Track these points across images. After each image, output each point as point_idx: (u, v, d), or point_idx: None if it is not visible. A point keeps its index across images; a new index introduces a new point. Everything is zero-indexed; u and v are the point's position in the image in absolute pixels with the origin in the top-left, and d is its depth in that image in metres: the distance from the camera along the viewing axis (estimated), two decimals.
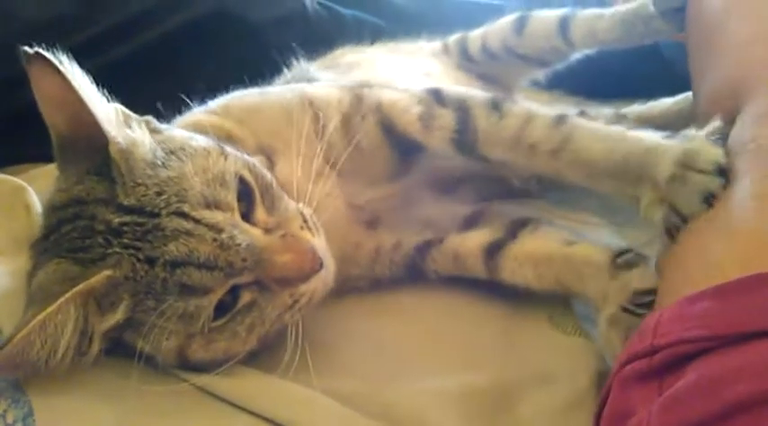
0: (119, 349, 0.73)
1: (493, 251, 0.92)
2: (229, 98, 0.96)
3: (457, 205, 1.00)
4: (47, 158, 1.17)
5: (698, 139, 0.74)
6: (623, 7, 1.17)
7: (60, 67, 0.70)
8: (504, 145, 0.85)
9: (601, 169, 0.79)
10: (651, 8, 1.09)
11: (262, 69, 1.19)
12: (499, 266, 0.92)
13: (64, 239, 0.71)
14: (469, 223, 0.99)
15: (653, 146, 0.76)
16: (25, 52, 0.71)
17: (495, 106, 0.88)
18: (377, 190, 0.93)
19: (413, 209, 0.97)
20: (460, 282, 0.95)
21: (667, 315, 0.61)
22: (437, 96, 0.91)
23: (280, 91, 0.97)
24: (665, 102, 1.37)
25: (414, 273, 0.95)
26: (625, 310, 0.78)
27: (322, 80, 1.12)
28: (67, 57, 0.72)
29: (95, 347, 0.71)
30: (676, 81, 1.41)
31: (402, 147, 0.91)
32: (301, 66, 1.21)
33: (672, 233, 0.72)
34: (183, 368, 0.74)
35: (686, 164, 0.71)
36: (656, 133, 0.78)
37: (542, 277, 0.89)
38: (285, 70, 1.22)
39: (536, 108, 0.87)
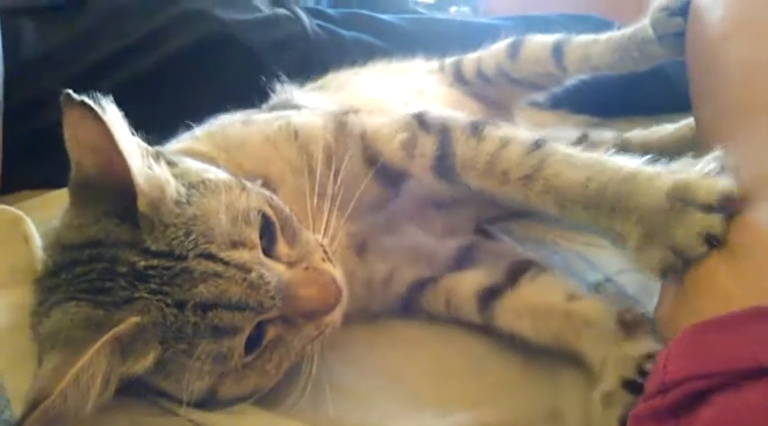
0: (130, 388, 0.71)
1: (489, 297, 0.90)
2: (213, 126, 0.96)
3: (448, 235, 0.98)
4: (46, 184, 1.20)
5: (694, 170, 0.68)
6: (619, 33, 1.17)
7: (103, 116, 0.68)
8: (478, 170, 0.82)
9: (573, 198, 0.74)
10: (650, 32, 1.09)
11: (262, 92, 1.20)
12: (495, 314, 0.89)
13: (79, 280, 0.69)
14: (464, 257, 0.97)
15: (632, 173, 0.71)
16: (67, 96, 0.68)
17: (475, 130, 0.85)
18: (366, 218, 0.91)
19: (401, 235, 0.96)
20: None
21: (675, 348, 0.60)
22: (420, 121, 0.89)
23: (264, 120, 0.95)
24: (666, 128, 1.37)
25: (409, 310, 0.94)
26: (626, 385, 0.73)
27: (307, 105, 1.10)
28: (106, 98, 0.70)
29: (111, 390, 0.68)
30: (679, 99, 1.42)
31: (386, 177, 0.89)
32: (284, 90, 1.20)
33: (667, 273, 0.68)
34: (201, 404, 0.72)
35: (681, 198, 0.66)
36: (640, 160, 0.73)
37: (540, 332, 0.86)
38: (272, 94, 1.21)
39: (517, 133, 0.83)
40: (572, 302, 0.86)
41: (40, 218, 0.95)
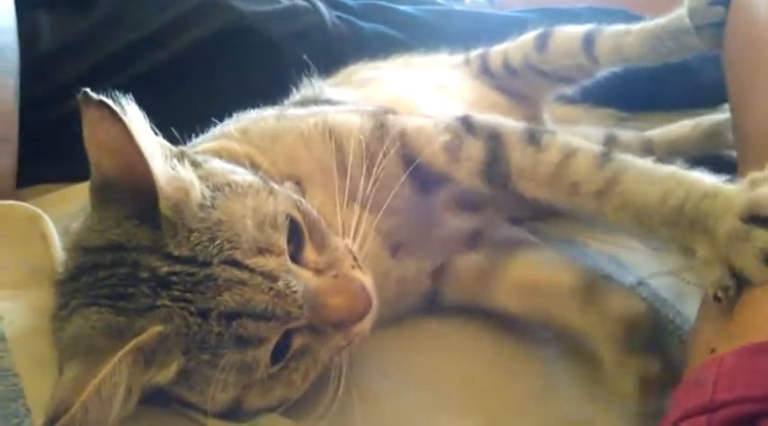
0: (153, 397, 0.68)
1: (484, 277, 0.90)
2: (246, 122, 0.93)
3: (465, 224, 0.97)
4: (63, 179, 1.18)
5: (764, 184, 0.66)
6: (652, 23, 1.14)
7: (123, 117, 0.65)
8: (540, 181, 0.80)
9: (652, 215, 0.72)
10: (686, 21, 1.05)
11: (281, 84, 1.17)
12: (491, 294, 0.89)
13: (101, 285, 0.67)
14: (472, 239, 0.95)
15: (711, 191, 0.69)
16: (85, 95, 0.66)
17: (532, 138, 0.83)
18: (399, 217, 0.88)
19: (434, 233, 0.93)
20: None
21: (728, 365, 0.57)
22: (467, 124, 0.87)
23: (298, 116, 0.92)
24: (685, 125, 1.34)
25: (435, 305, 0.93)
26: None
27: (338, 100, 1.08)
28: (125, 97, 0.67)
29: (134, 401, 0.65)
30: (702, 92, 1.39)
31: (422, 178, 0.87)
32: (313, 84, 1.18)
33: (719, 298, 0.65)
34: (226, 415, 0.70)
35: (752, 217, 0.63)
36: (713, 177, 0.71)
37: (523, 306, 0.87)
38: (296, 87, 1.19)
39: (579, 142, 0.81)
40: (541, 271, 0.87)
41: (57, 214, 0.94)
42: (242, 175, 0.74)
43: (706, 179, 0.71)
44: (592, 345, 0.79)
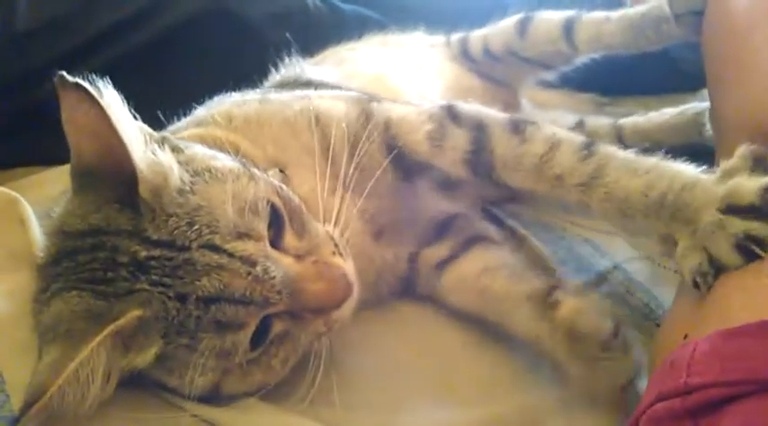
0: (133, 380, 0.69)
1: (438, 269, 0.91)
2: (229, 106, 0.92)
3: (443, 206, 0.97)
4: (40, 162, 1.18)
5: (739, 174, 0.67)
6: (632, 10, 1.14)
7: (101, 100, 0.65)
8: (524, 172, 0.80)
9: (635, 207, 0.72)
10: (666, 9, 1.05)
11: (262, 65, 1.17)
12: (437, 286, 0.91)
13: (81, 269, 0.67)
14: (441, 230, 0.96)
15: (690, 182, 0.69)
16: (61, 78, 0.65)
17: (516, 128, 0.83)
18: (382, 202, 0.89)
19: (414, 218, 0.94)
20: None
21: (701, 349, 0.58)
22: (451, 114, 0.87)
23: (283, 101, 0.92)
24: (665, 114, 1.34)
25: (410, 291, 0.94)
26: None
27: (321, 80, 1.08)
28: (102, 80, 0.67)
29: (113, 385, 0.66)
30: (683, 78, 1.40)
31: (406, 167, 0.88)
32: (294, 64, 1.17)
33: (699, 285, 0.67)
34: (205, 399, 0.70)
35: (728, 206, 0.65)
36: (692, 167, 0.72)
37: (461, 302, 0.88)
38: (276, 68, 1.18)
39: (562, 134, 0.81)
40: (490, 275, 0.87)
41: (36, 197, 0.93)
42: (222, 161, 0.74)
43: (685, 170, 0.72)
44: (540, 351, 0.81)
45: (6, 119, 1.18)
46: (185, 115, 0.96)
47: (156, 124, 0.82)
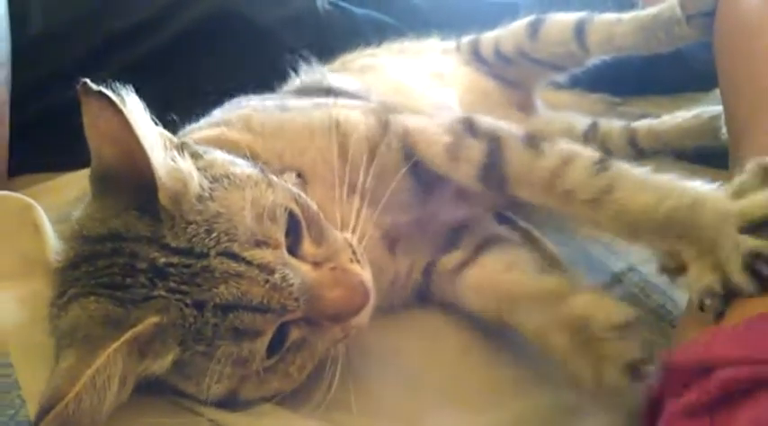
0: (149, 386, 0.69)
1: (455, 274, 0.90)
2: (247, 110, 0.92)
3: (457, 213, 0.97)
4: (54, 167, 1.18)
5: (753, 190, 0.67)
6: (644, 12, 1.14)
7: (123, 108, 0.65)
8: (536, 186, 0.80)
9: (644, 225, 0.72)
10: (677, 11, 1.05)
11: (272, 70, 1.17)
12: (457, 289, 0.89)
13: (100, 274, 0.67)
14: (455, 237, 0.96)
15: (700, 200, 0.69)
16: (84, 85, 0.65)
17: (531, 142, 0.82)
18: (398, 213, 0.89)
19: (430, 229, 0.94)
20: None
21: (728, 330, 0.58)
22: (469, 126, 0.87)
23: (302, 107, 0.92)
24: (677, 117, 1.33)
25: (424, 298, 0.94)
26: None
27: (339, 88, 1.08)
28: (124, 87, 0.67)
29: (128, 390, 0.65)
30: (695, 78, 1.39)
31: (423, 178, 0.87)
32: (314, 70, 1.17)
33: (706, 306, 0.65)
34: (221, 404, 0.70)
35: (742, 226, 0.64)
36: (705, 185, 0.71)
37: (480, 305, 0.86)
38: (295, 73, 1.19)
39: (577, 149, 0.80)
40: (506, 273, 0.86)
41: (50, 203, 0.93)
42: (241, 167, 0.74)
43: (696, 187, 0.71)
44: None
45: (21, 125, 1.18)
46: (201, 117, 0.96)
47: (170, 127, 0.82)
